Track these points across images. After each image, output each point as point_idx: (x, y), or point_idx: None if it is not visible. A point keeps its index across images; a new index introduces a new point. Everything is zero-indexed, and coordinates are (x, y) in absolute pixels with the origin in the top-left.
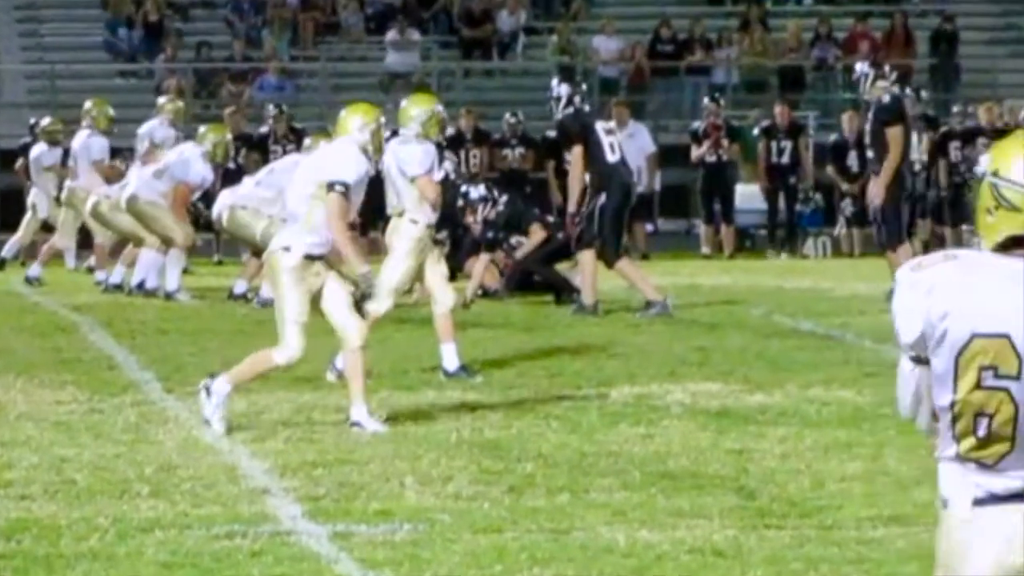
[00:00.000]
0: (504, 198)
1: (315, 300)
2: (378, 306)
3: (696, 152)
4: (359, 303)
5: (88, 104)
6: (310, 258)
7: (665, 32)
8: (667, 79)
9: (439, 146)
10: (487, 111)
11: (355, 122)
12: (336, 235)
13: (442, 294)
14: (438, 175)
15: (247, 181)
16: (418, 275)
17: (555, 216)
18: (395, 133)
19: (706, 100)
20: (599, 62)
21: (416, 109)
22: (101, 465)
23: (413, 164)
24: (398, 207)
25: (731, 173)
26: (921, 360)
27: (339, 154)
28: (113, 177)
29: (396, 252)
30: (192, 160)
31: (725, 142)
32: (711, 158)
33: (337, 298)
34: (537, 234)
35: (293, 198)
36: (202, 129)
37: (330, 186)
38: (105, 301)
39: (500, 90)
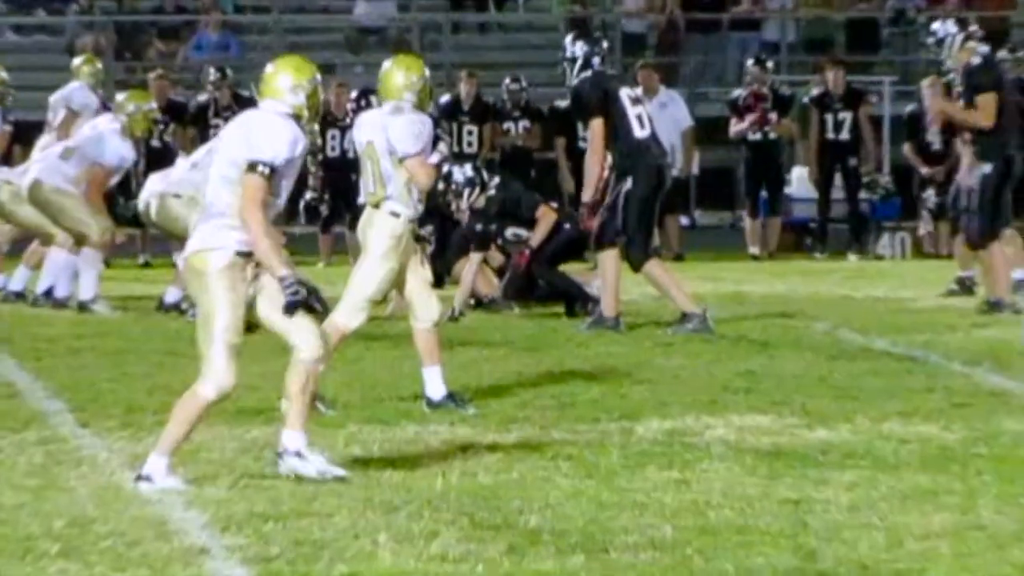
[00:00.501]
0: (495, 181)
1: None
2: (348, 319)
3: (736, 127)
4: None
5: None
6: (242, 255)
7: None
8: (706, 35)
9: (434, 121)
10: (482, 76)
11: (284, 81)
12: (250, 225)
13: (424, 305)
14: (433, 157)
15: (180, 163)
16: (396, 281)
17: (568, 206)
18: (364, 99)
19: (750, 63)
20: (621, 14)
21: (404, 75)
22: None
23: (406, 140)
24: (376, 195)
25: (781, 154)
26: None
27: (264, 126)
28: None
29: (372, 252)
30: (107, 136)
31: (773, 116)
32: (755, 135)
33: (280, 300)
34: (547, 217)
35: (212, 184)
36: (120, 97)
37: (251, 166)
38: (4, 313)
39: (497, 49)
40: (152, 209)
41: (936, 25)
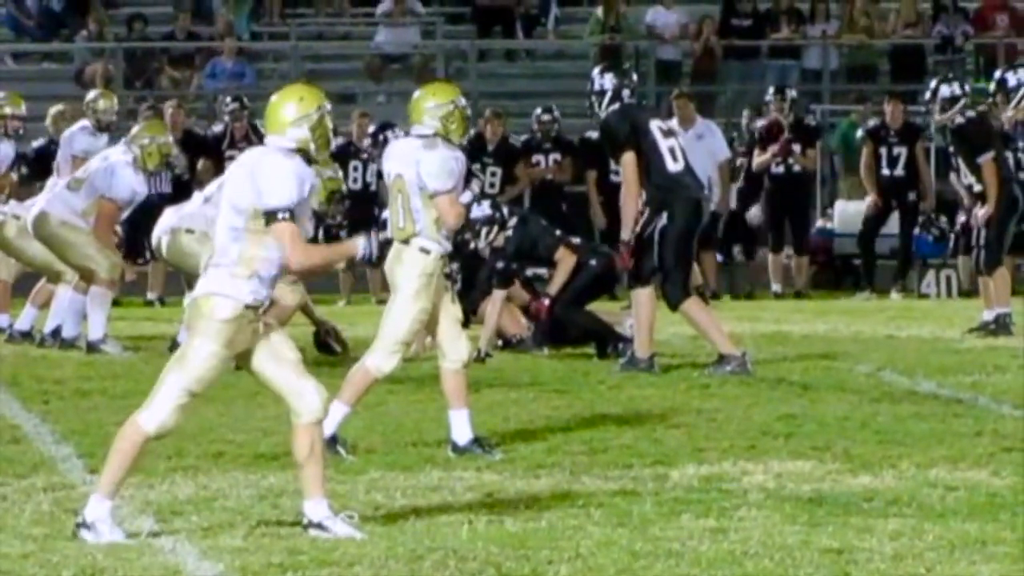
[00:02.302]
0: (514, 220)
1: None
2: (380, 364)
3: (757, 159)
4: (325, 342)
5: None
6: (251, 308)
7: (742, 3)
8: (745, 63)
9: (468, 155)
10: (510, 106)
11: (287, 113)
12: (307, 265)
13: (454, 344)
14: (465, 196)
15: (195, 197)
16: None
17: (600, 241)
18: (383, 133)
19: (770, 91)
20: (655, 41)
21: (433, 101)
22: (3, 569)
23: (437, 176)
24: (405, 230)
25: (807, 187)
26: None
27: (269, 170)
28: (11, 190)
29: (403, 292)
30: (118, 168)
31: (796, 147)
32: (778, 168)
33: (285, 358)
34: (566, 261)
35: (220, 233)
36: (135, 129)
37: (270, 216)
38: (9, 353)
39: (526, 78)
40: (164, 244)
41: (1008, 74)
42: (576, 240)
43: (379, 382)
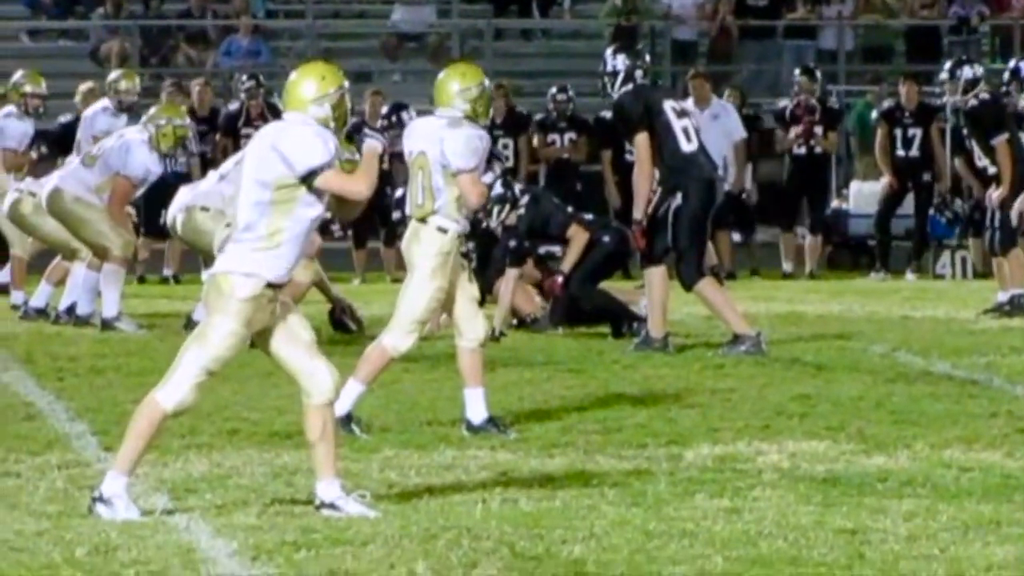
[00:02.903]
0: (525, 199)
1: (260, 337)
2: (397, 343)
3: (782, 139)
4: (340, 320)
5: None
6: (271, 287)
7: None
8: (760, 43)
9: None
10: (526, 85)
11: (308, 90)
12: (370, 181)
13: (471, 323)
14: (487, 176)
15: (210, 175)
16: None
17: (614, 220)
18: (396, 114)
19: (797, 72)
20: (671, 21)
21: (459, 82)
22: (18, 546)
23: (462, 155)
24: (424, 208)
25: (828, 169)
26: None
27: (293, 138)
28: (28, 168)
29: (420, 271)
30: (134, 146)
31: (819, 129)
32: (799, 149)
33: (299, 339)
34: (579, 238)
35: (244, 209)
36: (153, 109)
37: (309, 177)
38: (24, 331)
39: (541, 57)
40: (179, 222)
41: (1023, 64)
42: (588, 217)
43: (395, 361)
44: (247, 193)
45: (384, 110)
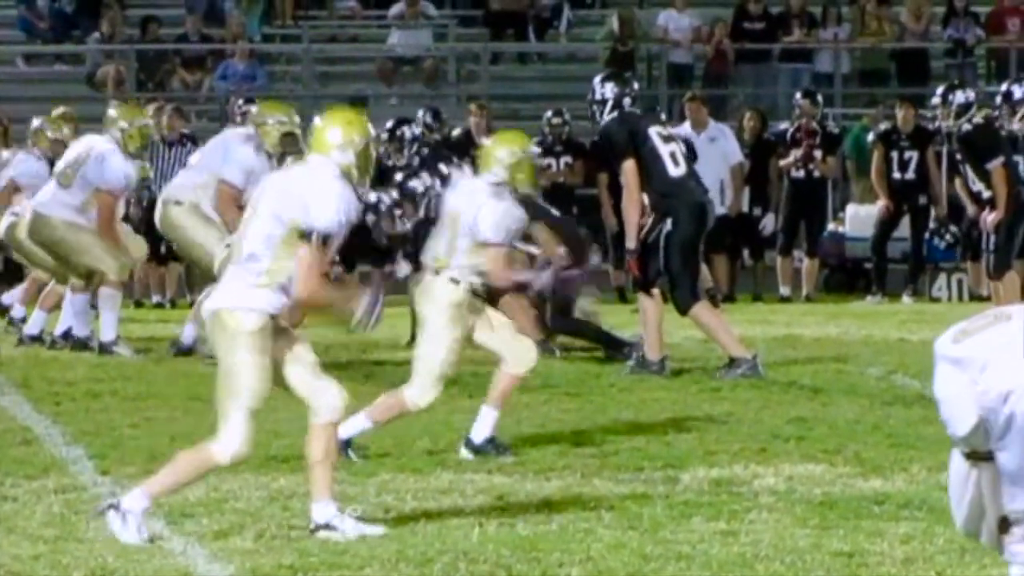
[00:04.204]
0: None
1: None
2: (418, 398)
3: (782, 162)
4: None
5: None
6: (275, 317)
7: (754, 6)
8: (756, 66)
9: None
10: (521, 109)
11: (335, 136)
12: (312, 298)
13: (521, 350)
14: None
15: (181, 173)
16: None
17: (611, 245)
18: (398, 129)
19: (798, 95)
20: (667, 44)
21: (504, 149)
22: (15, 570)
23: (493, 229)
24: (441, 261)
25: (825, 193)
26: (980, 456)
27: (322, 191)
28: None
29: (432, 323)
30: (107, 156)
31: (818, 153)
32: (798, 172)
33: (305, 361)
34: (542, 235)
35: (252, 238)
36: (111, 113)
37: (304, 235)
38: (21, 355)
39: (537, 81)
40: (157, 218)
41: (1015, 87)
42: (558, 213)
43: (380, 381)
44: (260, 222)
45: (389, 125)
